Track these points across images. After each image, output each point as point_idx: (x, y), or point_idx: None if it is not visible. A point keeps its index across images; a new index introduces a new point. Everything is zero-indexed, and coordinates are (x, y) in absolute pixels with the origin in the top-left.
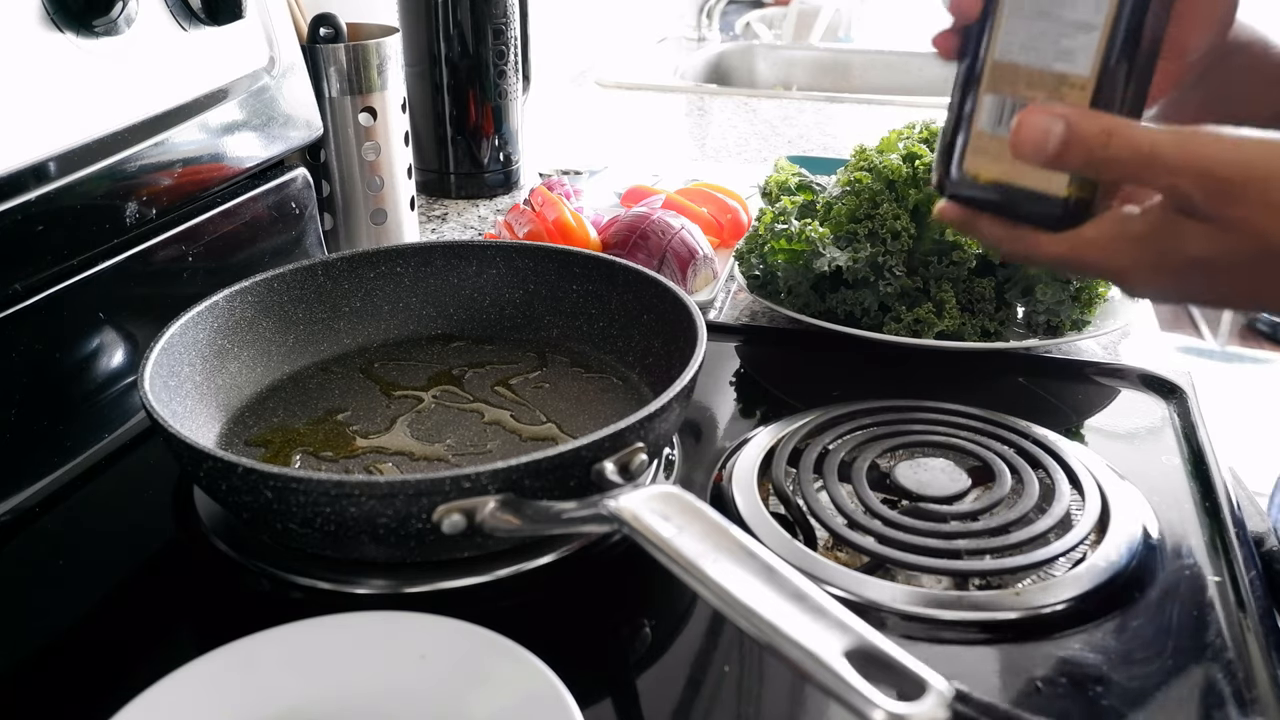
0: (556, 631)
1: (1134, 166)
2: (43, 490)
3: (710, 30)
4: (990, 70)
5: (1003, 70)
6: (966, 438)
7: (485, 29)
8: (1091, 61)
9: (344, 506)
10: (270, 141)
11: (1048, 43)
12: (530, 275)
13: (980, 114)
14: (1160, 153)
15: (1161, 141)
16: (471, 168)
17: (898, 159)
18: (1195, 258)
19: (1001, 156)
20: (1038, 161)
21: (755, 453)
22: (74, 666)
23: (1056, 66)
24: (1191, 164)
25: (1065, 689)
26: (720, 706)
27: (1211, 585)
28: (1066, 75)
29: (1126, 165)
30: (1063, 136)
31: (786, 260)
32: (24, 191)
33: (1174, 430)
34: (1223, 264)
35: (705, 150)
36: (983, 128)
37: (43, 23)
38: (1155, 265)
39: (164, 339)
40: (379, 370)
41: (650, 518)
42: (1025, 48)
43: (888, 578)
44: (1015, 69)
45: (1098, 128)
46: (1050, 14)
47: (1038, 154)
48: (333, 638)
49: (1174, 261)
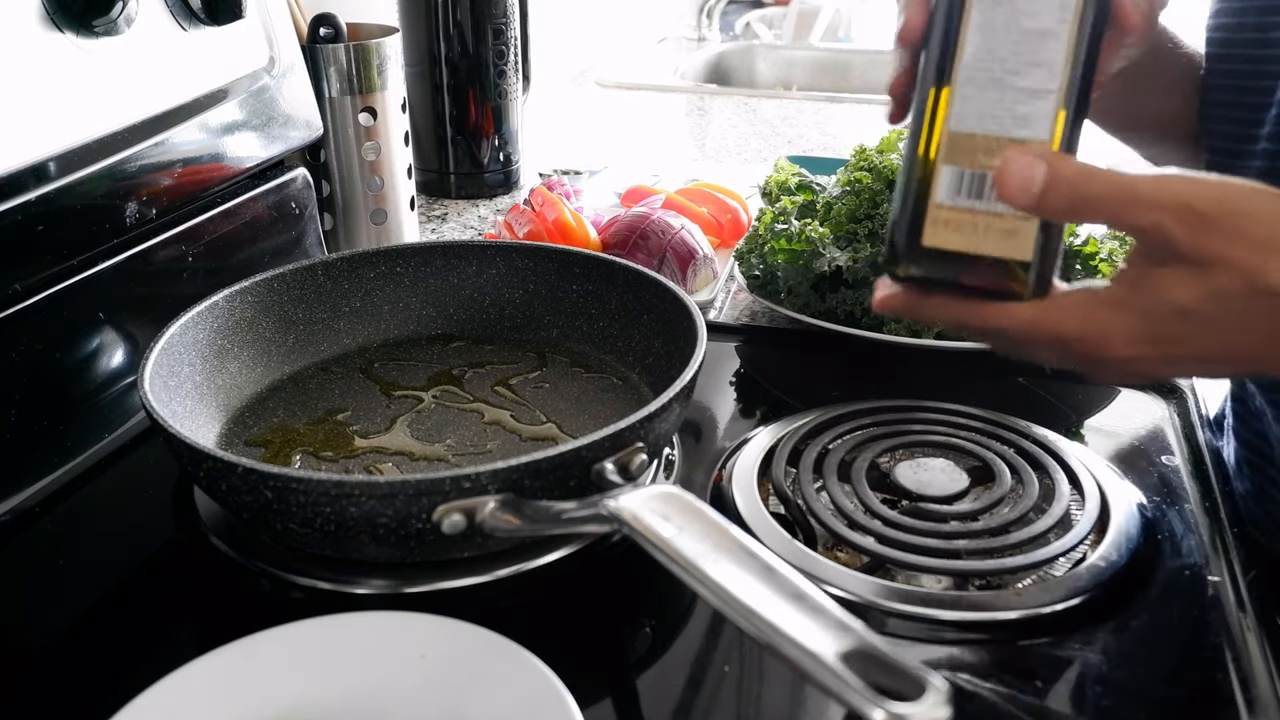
0: (556, 631)
1: (1115, 204)
2: (43, 490)
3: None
4: (947, 141)
5: (959, 140)
6: (966, 438)
7: (485, 29)
8: (1050, 125)
9: (344, 506)
10: (270, 141)
11: (1003, 110)
12: (530, 275)
13: (938, 186)
14: (1140, 190)
15: (1140, 180)
16: (471, 168)
17: (898, 159)
18: (1180, 306)
19: (962, 227)
20: (1024, 201)
21: (755, 453)
22: (74, 666)
23: (1015, 133)
24: (1171, 199)
25: (1065, 689)
26: (720, 706)
27: (1211, 585)
28: (1025, 141)
29: (1107, 203)
30: (1046, 176)
31: (786, 260)
32: (24, 191)
33: (1174, 430)
34: (1211, 312)
35: (705, 150)
36: (941, 200)
37: (43, 23)
38: (1138, 327)
39: (164, 339)
40: (379, 370)
41: (650, 518)
42: (981, 116)
43: (888, 578)
44: (972, 138)
45: (1076, 169)
46: (1005, 83)
47: (1024, 194)
48: (333, 638)
49: (1159, 317)
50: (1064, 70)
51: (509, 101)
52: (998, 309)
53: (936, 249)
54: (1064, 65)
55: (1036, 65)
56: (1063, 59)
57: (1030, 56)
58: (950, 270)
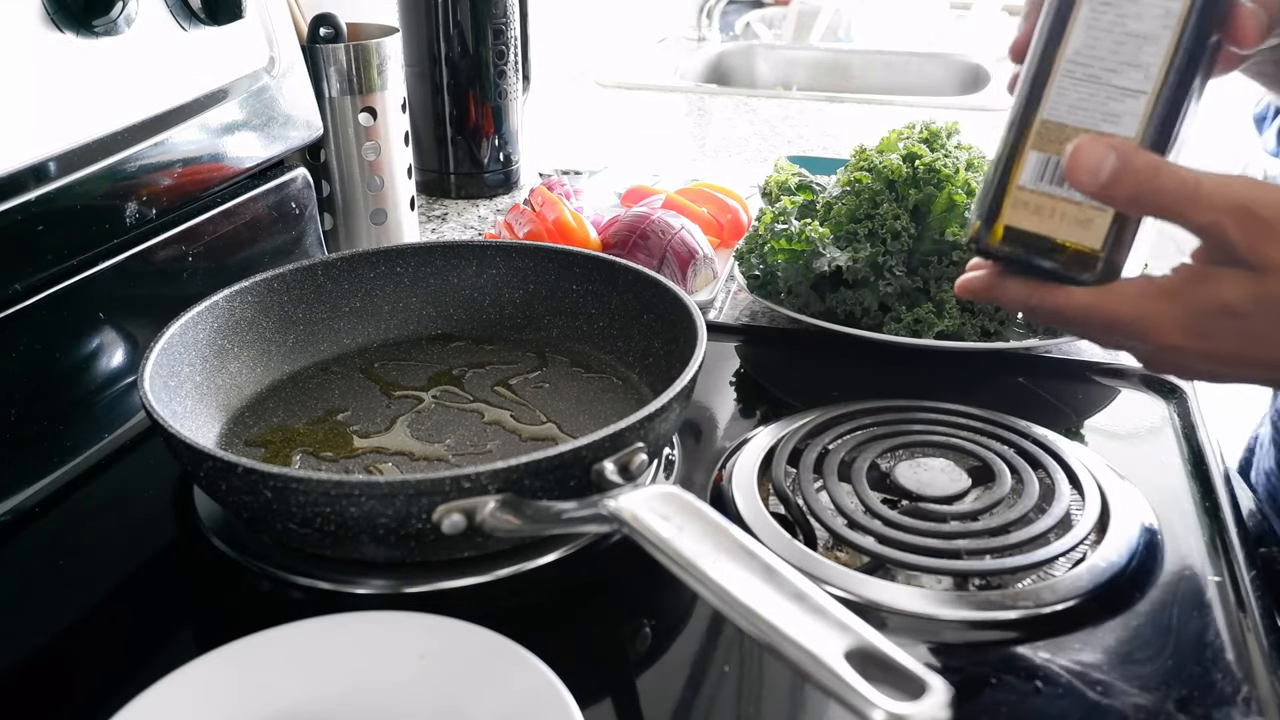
0: (556, 631)
1: (1178, 200)
2: (43, 490)
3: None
4: (1038, 128)
5: (1050, 129)
6: (966, 438)
7: (485, 29)
8: (1138, 125)
9: (344, 506)
10: (270, 141)
11: (1096, 105)
12: (530, 275)
13: (1024, 169)
14: (1204, 189)
15: (1205, 179)
16: (471, 168)
17: (898, 159)
18: (1228, 304)
19: (1041, 211)
20: (1092, 187)
21: (755, 453)
22: (74, 666)
23: (1103, 127)
24: (1233, 201)
25: (1065, 689)
26: (720, 706)
27: (1211, 585)
28: (1111, 137)
29: (1171, 198)
30: (1115, 165)
31: (786, 260)
32: (24, 191)
33: (1174, 430)
34: (1257, 316)
35: (705, 150)
36: (1025, 183)
37: (43, 23)
38: (1186, 319)
39: (164, 339)
40: (379, 370)
41: (650, 518)
42: (1074, 108)
43: (888, 578)
44: (1062, 128)
45: (1146, 161)
46: (1101, 79)
47: (1092, 180)
48: (333, 638)
49: (1206, 312)
50: (1159, 74)
51: (509, 101)
52: (1061, 293)
53: (1014, 228)
54: (1160, 69)
55: (1134, 66)
56: (1160, 63)
57: (1129, 57)
58: (1024, 250)
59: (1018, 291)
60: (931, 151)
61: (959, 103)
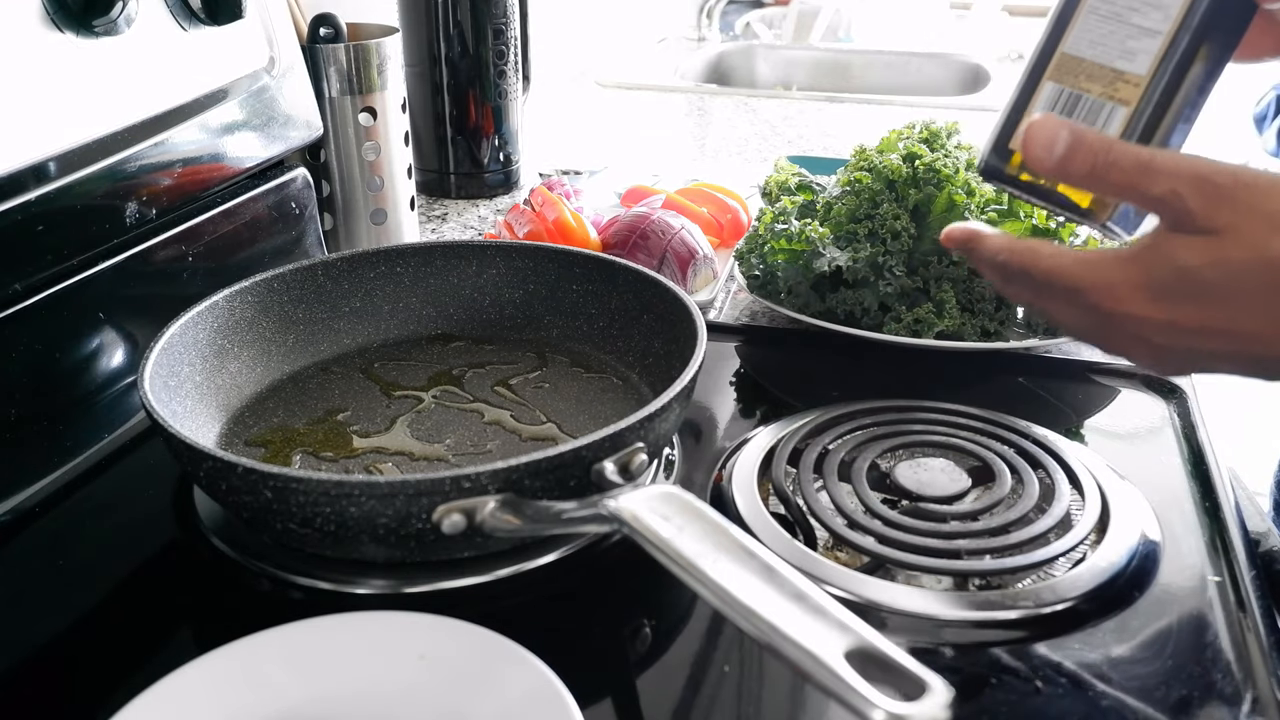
0: (556, 631)
1: (1134, 172)
2: (43, 490)
3: (710, 30)
4: (1058, 60)
5: (1068, 62)
6: (966, 438)
7: (485, 29)
8: (1150, 64)
9: (344, 506)
10: (270, 141)
11: (1115, 42)
12: (530, 275)
13: (1039, 99)
14: (1159, 160)
15: (1159, 154)
16: (471, 168)
17: (898, 159)
18: (1185, 267)
19: None
20: (1047, 163)
21: (755, 453)
22: (74, 666)
23: (1117, 64)
24: (1189, 170)
25: (1065, 689)
26: (720, 706)
27: (1211, 585)
28: (1124, 73)
29: (1127, 172)
30: (1069, 140)
31: (786, 260)
32: (24, 191)
33: (1174, 430)
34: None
35: (705, 150)
36: (1037, 113)
37: (43, 23)
38: (1144, 282)
39: (164, 339)
40: (379, 370)
41: (650, 518)
42: (1094, 44)
43: (888, 578)
44: (1080, 62)
45: (1099, 137)
46: (1122, 17)
47: (1048, 155)
48: (333, 638)
49: (1164, 276)
50: (1178, 16)
51: (509, 101)
52: (1027, 250)
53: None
54: (1179, 11)
55: (1155, 7)
56: (1180, 5)
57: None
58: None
59: (994, 243)
60: (931, 151)
61: (959, 103)
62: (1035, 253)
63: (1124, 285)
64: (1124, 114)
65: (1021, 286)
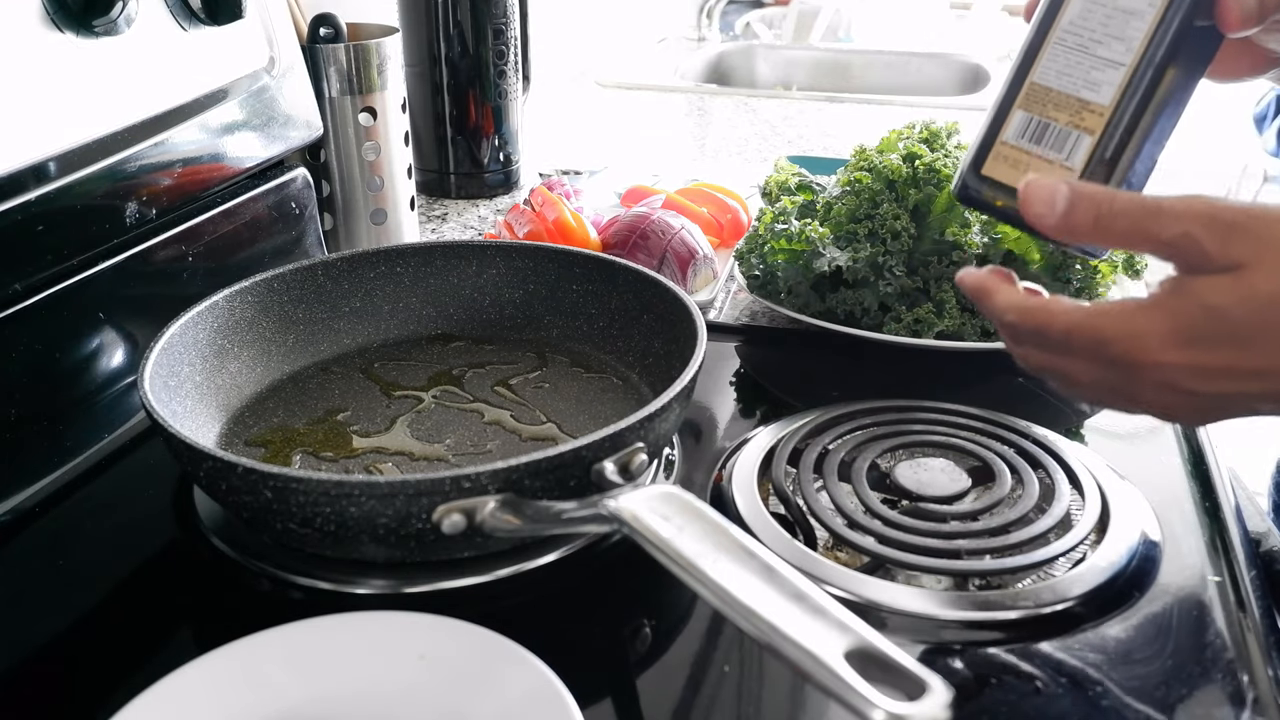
0: (556, 631)
1: (1142, 218)
2: (43, 490)
3: (710, 30)
4: (1027, 89)
5: (1037, 91)
6: (966, 438)
7: (485, 29)
8: (1113, 95)
9: (344, 506)
10: (270, 141)
11: (1080, 73)
12: (530, 275)
13: (1009, 125)
14: (1165, 204)
15: (1164, 198)
16: (471, 168)
17: (898, 159)
18: (1212, 306)
19: (1017, 164)
20: (1050, 220)
21: (755, 453)
22: (74, 666)
23: (1083, 94)
24: (1197, 211)
25: (1065, 689)
26: (720, 706)
27: (1211, 585)
28: (1089, 103)
29: (1134, 218)
30: (1068, 195)
31: (786, 260)
32: (24, 191)
33: (1174, 430)
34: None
35: (705, 150)
36: (1007, 138)
37: (43, 23)
38: (1172, 328)
39: (164, 339)
40: (379, 370)
41: (650, 518)
42: (1060, 74)
43: (888, 578)
44: (1048, 91)
45: (1098, 189)
46: (1087, 49)
47: (1050, 213)
48: (333, 638)
49: (1192, 318)
50: (1140, 48)
51: (509, 101)
52: (1040, 305)
53: (991, 178)
54: (1141, 44)
55: (1118, 39)
56: (1141, 38)
57: (1115, 31)
58: (997, 197)
59: (1003, 301)
60: (931, 151)
61: (959, 103)
62: (1049, 311)
63: (1152, 335)
64: (1089, 142)
65: (1034, 347)
